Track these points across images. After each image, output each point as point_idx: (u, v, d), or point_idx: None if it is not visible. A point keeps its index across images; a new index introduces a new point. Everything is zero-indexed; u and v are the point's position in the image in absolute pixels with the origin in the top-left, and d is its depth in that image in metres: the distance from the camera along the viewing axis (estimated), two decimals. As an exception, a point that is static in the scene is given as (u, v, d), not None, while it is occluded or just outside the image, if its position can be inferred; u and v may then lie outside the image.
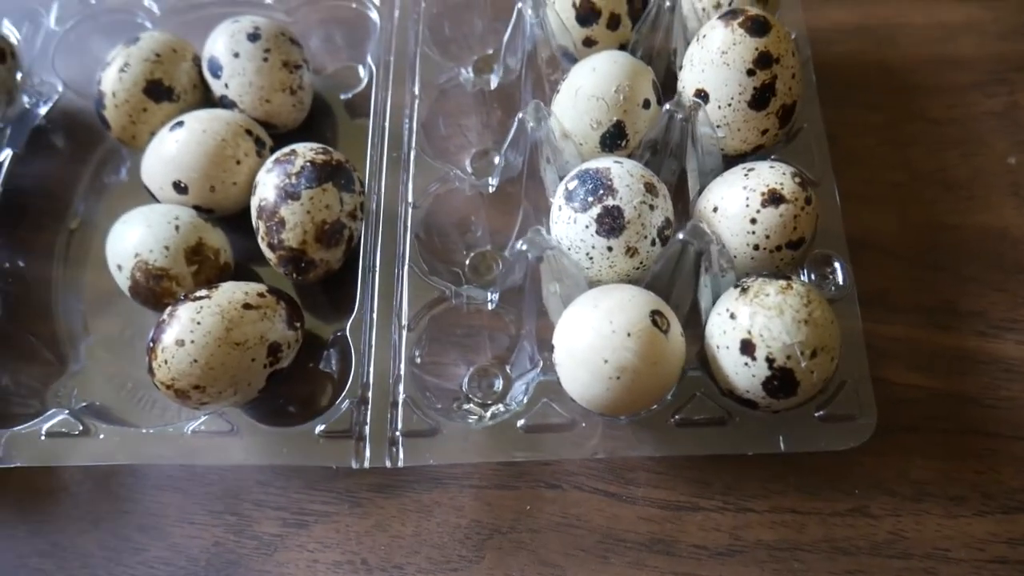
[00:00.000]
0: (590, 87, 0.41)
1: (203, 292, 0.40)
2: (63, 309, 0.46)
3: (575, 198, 0.39)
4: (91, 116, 0.50)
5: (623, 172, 0.39)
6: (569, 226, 0.39)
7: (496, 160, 0.46)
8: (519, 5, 0.44)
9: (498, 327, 0.43)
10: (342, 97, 0.51)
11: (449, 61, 0.48)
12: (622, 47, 0.46)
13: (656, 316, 0.36)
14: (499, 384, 0.42)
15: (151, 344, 0.39)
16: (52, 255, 0.48)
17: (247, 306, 0.40)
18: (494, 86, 0.47)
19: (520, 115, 0.40)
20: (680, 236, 0.37)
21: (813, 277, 0.40)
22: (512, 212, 0.45)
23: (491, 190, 0.44)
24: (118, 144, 0.50)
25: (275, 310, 0.40)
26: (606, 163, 0.39)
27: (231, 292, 0.40)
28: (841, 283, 0.40)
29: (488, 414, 0.41)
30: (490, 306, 0.42)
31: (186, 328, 0.38)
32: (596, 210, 0.38)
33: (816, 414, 0.37)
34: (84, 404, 0.43)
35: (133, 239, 0.42)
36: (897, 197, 0.45)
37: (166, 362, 0.38)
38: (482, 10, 0.50)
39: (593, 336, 0.36)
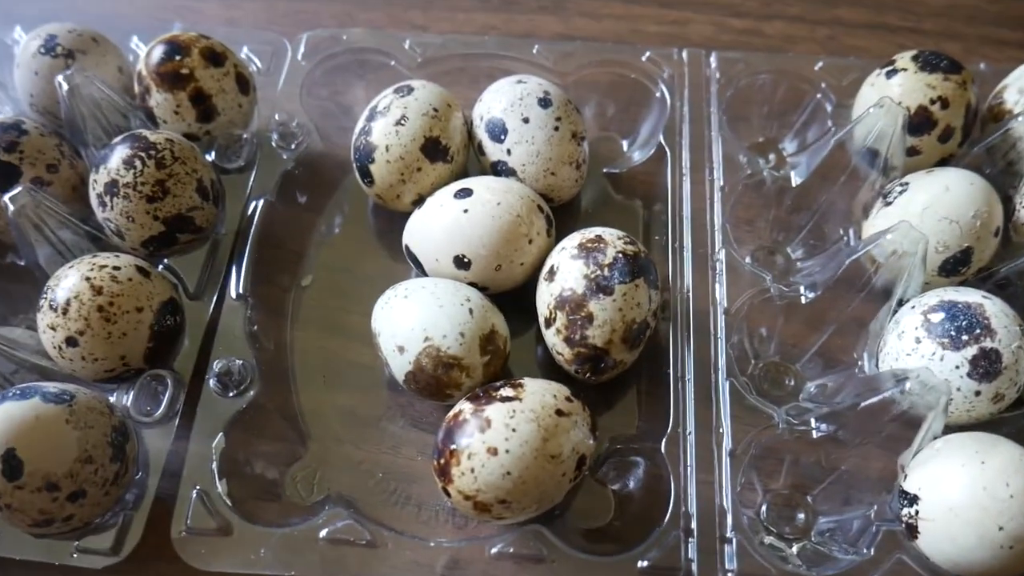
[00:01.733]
0: (943, 207, 0.38)
1: (509, 391, 0.35)
2: (300, 379, 0.41)
3: (941, 333, 0.35)
4: (331, 162, 0.46)
5: (998, 311, 0.35)
6: (932, 363, 0.35)
7: (793, 273, 0.42)
8: (824, 103, 0.41)
9: (801, 452, 0.39)
10: (605, 171, 0.47)
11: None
12: (942, 160, 0.43)
13: (1049, 481, 0.32)
14: (801, 517, 0.38)
15: (451, 447, 0.34)
16: (285, 314, 0.43)
17: (560, 412, 0.35)
18: (795, 183, 0.43)
19: (890, 239, 0.36)
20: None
21: None
22: (812, 324, 0.41)
23: (804, 300, 0.40)
24: (345, 195, 0.46)
25: (583, 417, 0.36)
26: (974, 297, 0.36)
27: (541, 395, 0.36)
28: None
29: (793, 550, 0.37)
30: (815, 434, 0.38)
31: (499, 435, 0.34)
32: (971, 351, 0.35)
33: None
34: (327, 494, 0.38)
35: (421, 319, 0.37)
36: None
37: (472, 471, 0.34)
38: (765, 98, 0.47)
39: (985, 498, 0.32)
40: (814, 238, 0.44)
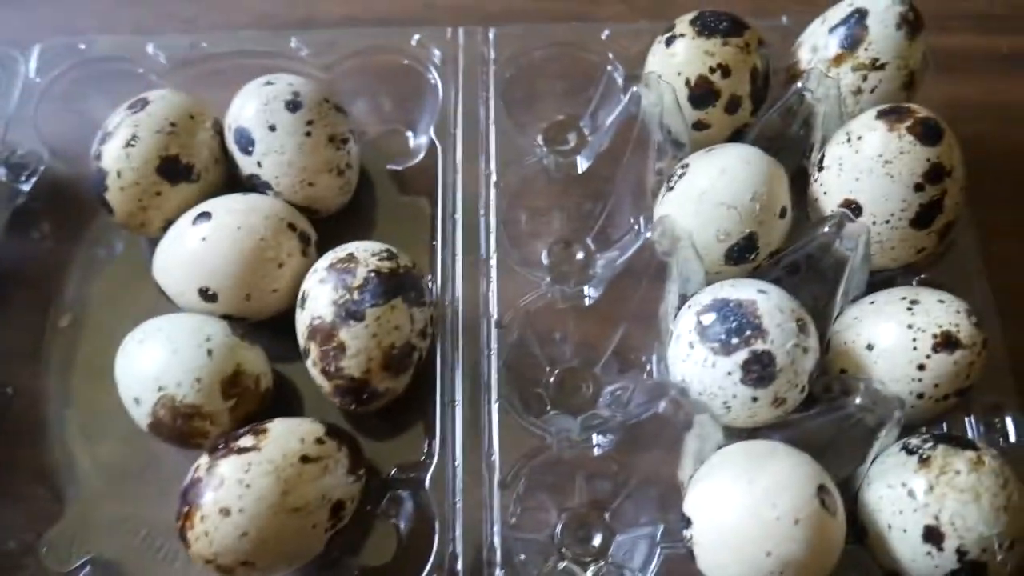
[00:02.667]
0: (719, 193, 0.35)
1: (249, 441, 0.32)
2: (57, 432, 0.38)
3: (712, 336, 0.32)
4: (81, 187, 0.41)
5: (772, 307, 0.32)
6: (705, 369, 0.32)
7: (593, 266, 0.39)
8: (615, 76, 0.37)
9: (595, 467, 0.36)
10: (389, 168, 0.43)
11: (519, 132, 0.41)
12: (737, 132, 0.39)
13: (823, 494, 0.30)
14: (598, 537, 0.35)
15: (185, 508, 0.31)
16: (40, 360, 0.39)
17: (305, 459, 0.32)
18: (582, 169, 0.40)
19: (648, 235, 0.33)
20: (858, 400, 0.30)
21: (981, 429, 0.34)
22: (603, 323, 0.38)
23: (588, 302, 0.37)
24: (110, 222, 0.41)
25: (336, 459, 0.33)
26: (748, 292, 0.33)
27: (284, 441, 0.32)
28: (1013, 439, 0.34)
29: (588, 575, 0.35)
30: (597, 451, 0.35)
31: (232, 493, 0.31)
32: (742, 355, 0.32)
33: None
34: (87, 558, 0.35)
35: (154, 367, 0.34)
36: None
37: (206, 534, 0.31)
38: (557, 73, 0.42)
39: (751, 522, 0.29)
40: (611, 227, 0.40)
